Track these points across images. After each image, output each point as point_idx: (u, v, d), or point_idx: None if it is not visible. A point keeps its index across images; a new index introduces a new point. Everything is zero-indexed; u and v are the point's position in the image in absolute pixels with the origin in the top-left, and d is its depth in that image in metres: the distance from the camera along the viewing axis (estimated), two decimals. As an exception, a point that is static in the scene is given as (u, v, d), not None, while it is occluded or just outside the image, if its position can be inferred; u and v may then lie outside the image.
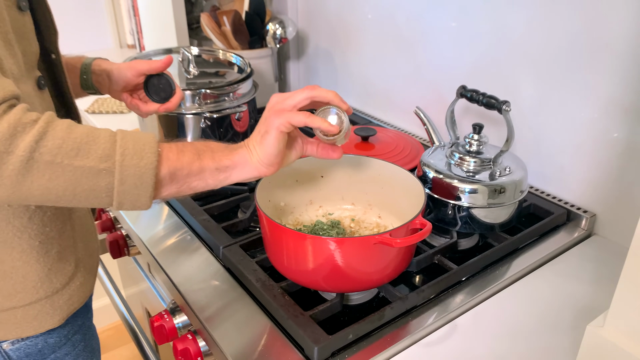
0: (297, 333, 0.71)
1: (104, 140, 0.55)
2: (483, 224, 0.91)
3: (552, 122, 0.99)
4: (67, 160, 0.52)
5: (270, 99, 0.67)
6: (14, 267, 0.67)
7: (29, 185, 0.52)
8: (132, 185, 0.56)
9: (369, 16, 1.32)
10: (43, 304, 0.70)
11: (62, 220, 0.70)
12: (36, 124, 0.51)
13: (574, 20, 0.90)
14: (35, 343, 0.73)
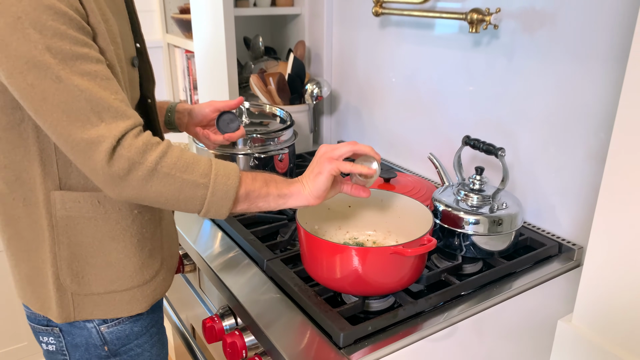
0: (327, 324, 0.88)
1: (204, 163, 0.77)
2: (484, 250, 1.09)
3: (544, 169, 1.18)
4: (178, 174, 0.74)
5: (320, 147, 0.89)
6: (118, 259, 0.87)
7: (148, 189, 0.73)
8: (219, 198, 0.77)
9: (392, 79, 1.55)
10: (135, 292, 0.90)
11: (154, 225, 0.92)
12: (160, 145, 0.74)
13: (561, 89, 1.11)
14: (124, 329, 0.93)
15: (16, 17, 0.66)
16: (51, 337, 0.93)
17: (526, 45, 1.16)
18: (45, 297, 0.89)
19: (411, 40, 1.45)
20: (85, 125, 0.70)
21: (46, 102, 0.69)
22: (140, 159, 0.72)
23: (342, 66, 1.74)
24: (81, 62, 0.70)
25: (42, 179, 0.81)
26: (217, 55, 1.68)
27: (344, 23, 1.69)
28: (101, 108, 0.70)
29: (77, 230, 0.85)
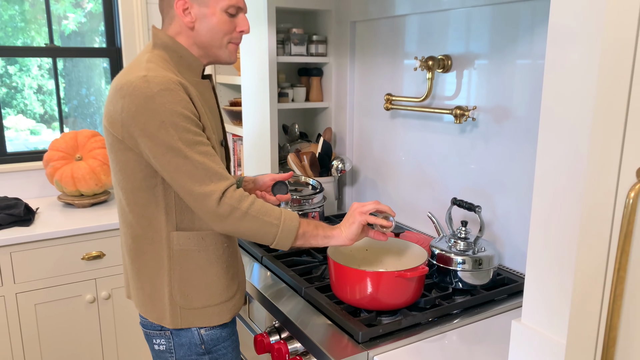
0: (350, 327, 1.23)
1: (277, 210, 1.16)
2: (469, 284, 1.43)
3: (516, 224, 1.55)
4: (261, 216, 1.13)
5: (353, 204, 1.27)
6: (212, 281, 1.25)
7: (241, 225, 1.12)
8: (286, 234, 1.16)
9: (402, 158, 1.97)
10: (221, 306, 1.27)
11: (235, 256, 1.30)
12: (249, 197, 1.14)
13: (524, 163, 1.50)
14: (216, 333, 1.28)
15: (161, 121, 1.09)
16: (163, 339, 1.29)
17: (497, 131, 1.57)
18: (161, 310, 1.25)
19: (414, 128, 1.88)
20: (202, 184, 1.11)
21: (178, 171, 1.10)
22: (238, 205, 1.12)
23: (361, 147, 2.17)
24: (199, 145, 1.12)
25: (165, 224, 1.21)
26: (263, 139, 2.13)
27: (362, 114, 2.14)
28: (212, 174, 1.12)
29: (187, 260, 1.23)
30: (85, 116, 2.75)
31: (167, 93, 1.09)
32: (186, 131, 1.10)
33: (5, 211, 2.09)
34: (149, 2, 2.64)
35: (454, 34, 1.67)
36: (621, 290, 0.60)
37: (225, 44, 1.24)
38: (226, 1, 1.19)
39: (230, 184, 1.14)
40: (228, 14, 1.21)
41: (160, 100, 1.08)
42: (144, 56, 1.18)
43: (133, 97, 1.09)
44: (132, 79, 1.10)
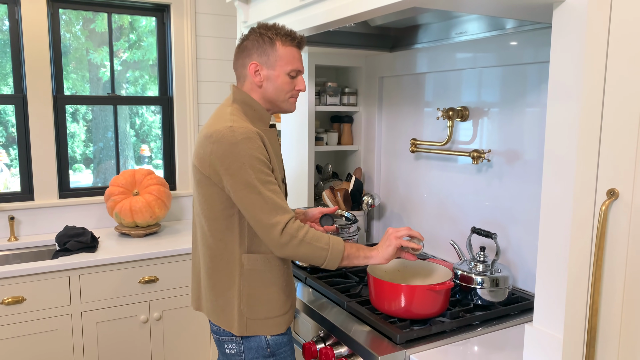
0: (389, 331, 1.47)
1: (326, 237, 1.42)
2: (487, 300, 1.67)
3: (527, 251, 1.80)
4: (314, 242, 1.40)
5: (388, 229, 1.52)
6: (273, 297, 1.50)
7: (299, 250, 1.39)
8: (334, 257, 1.41)
9: (424, 195, 2.24)
10: (279, 318, 1.51)
11: (289, 276, 1.56)
12: (305, 227, 1.40)
13: (532, 198, 1.77)
14: (280, 338, 1.52)
15: (242, 163, 1.37)
16: (233, 344, 1.53)
17: (509, 171, 1.84)
18: (231, 319, 1.50)
19: (437, 168, 2.16)
20: (270, 216, 1.37)
21: (252, 204, 1.37)
22: (296, 234, 1.38)
23: (388, 185, 2.45)
24: (269, 184, 1.39)
25: (239, 247, 1.47)
26: (301, 177, 2.42)
27: (388, 156, 2.43)
28: (278, 208, 1.38)
29: (254, 278, 1.49)
30: (110, 157, 3.02)
31: (248, 141, 1.37)
32: (261, 172, 1.38)
33: (75, 239, 2.38)
34: (198, 58, 3.01)
35: (468, 89, 1.97)
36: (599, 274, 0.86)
37: (287, 98, 1.52)
38: (289, 67, 1.48)
39: (291, 217, 1.40)
40: (290, 76, 1.50)
41: (242, 146, 1.36)
42: (226, 109, 1.48)
43: (221, 143, 1.37)
44: (220, 128, 1.39)
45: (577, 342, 0.92)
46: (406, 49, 2.22)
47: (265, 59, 1.48)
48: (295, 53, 1.50)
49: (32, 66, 2.62)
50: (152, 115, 3.12)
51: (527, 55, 1.73)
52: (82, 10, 2.79)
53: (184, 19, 2.96)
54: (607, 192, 0.85)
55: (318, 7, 1.65)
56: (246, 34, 1.53)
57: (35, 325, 2.22)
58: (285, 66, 1.48)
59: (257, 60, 1.49)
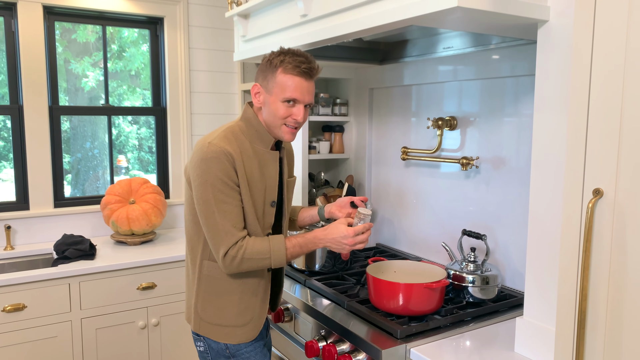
0: (389, 327, 1.57)
1: (265, 246, 1.48)
2: (478, 298, 1.78)
3: (515, 252, 1.92)
4: (255, 256, 1.47)
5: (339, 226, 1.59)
6: (225, 306, 1.56)
7: (241, 267, 1.48)
8: (277, 261, 1.49)
9: (414, 201, 2.35)
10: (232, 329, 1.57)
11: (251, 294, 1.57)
12: (244, 245, 1.47)
13: (518, 202, 1.89)
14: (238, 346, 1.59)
15: (204, 180, 1.45)
16: (200, 342, 1.63)
17: (496, 177, 1.97)
18: (191, 317, 1.61)
19: (427, 175, 2.28)
20: (215, 239, 1.46)
21: (206, 220, 1.47)
22: (236, 254, 1.46)
23: (379, 191, 2.56)
24: (224, 204, 1.45)
25: (201, 252, 1.57)
26: (296, 185, 2.51)
27: (379, 164, 2.54)
28: (224, 233, 1.45)
29: (210, 284, 1.57)
30: (89, 169, 3.03)
31: (216, 161, 1.44)
32: (220, 192, 1.46)
33: (73, 247, 2.42)
34: (192, 70, 3.09)
35: (454, 100, 2.10)
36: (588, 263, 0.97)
37: (279, 125, 1.52)
38: (283, 94, 1.48)
39: (235, 241, 1.47)
40: (286, 104, 1.49)
41: (210, 164, 1.44)
42: (230, 123, 1.57)
43: (196, 155, 1.48)
44: (204, 141, 1.49)
45: (569, 325, 1.03)
46: (395, 62, 2.34)
47: (265, 83, 1.52)
48: (295, 82, 1.48)
49: (28, 77, 2.66)
50: (129, 126, 3.15)
51: (506, 69, 1.87)
52: (78, 22, 2.85)
53: (177, 31, 3.03)
54: (593, 191, 0.97)
55: (318, 24, 1.76)
56: (267, 54, 1.56)
57: (35, 332, 2.25)
58: (280, 93, 1.49)
59: (260, 83, 1.54)
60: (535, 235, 1.44)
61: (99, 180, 3.03)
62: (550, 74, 1.37)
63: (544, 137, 1.39)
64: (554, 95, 1.36)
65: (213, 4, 3.14)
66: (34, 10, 2.65)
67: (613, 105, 0.94)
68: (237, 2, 2.16)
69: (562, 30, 1.34)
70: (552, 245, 1.40)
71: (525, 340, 1.47)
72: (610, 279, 0.95)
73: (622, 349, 0.95)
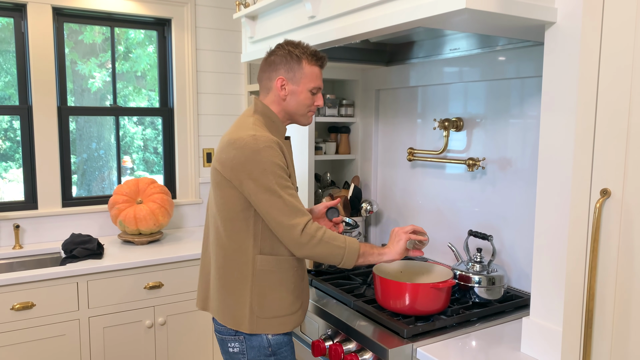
0: (396, 326, 1.58)
1: (342, 236, 1.52)
2: (484, 298, 1.79)
3: (521, 252, 1.92)
4: (331, 242, 1.49)
5: (394, 229, 1.62)
6: (282, 296, 1.57)
7: (315, 250, 1.48)
8: (350, 255, 1.51)
9: (419, 202, 2.36)
10: (287, 318, 1.58)
11: (301, 279, 1.62)
12: (322, 228, 1.49)
13: (524, 202, 1.90)
14: (281, 338, 1.60)
15: (263, 169, 1.46)
16: (237, 342, 1.60)
17: (502, 178, 1.98)
18: (240, 318, 1.57)
19: (433, 175, 2.28)
20: (290, 218, 1.47)
21: (272, 207, 1.47)
22: (315, 234, 1.48)
23: (384, 192, 2.57)
24: (288, 189, 1.49)
25: (252, 248, 1.56)
26: (302, 186, 2.52)
27: (385, 164, 2.55)
28: (297, 210, 1.48)
29: (265, 278, 1.57)
30: (94, 169, 3.04)
31: (269, 149, 1.48)
32: (281, 177, 1.48)
33: (82, 246, 2.43)
34: (199, 71, 3.11)
35: (460, 101, 2.10)
36: (595, 263, 0.98)
37: (306, 113, 1.64)
38: (312, 84, 1.60)
39: (309, 219, 1.50)
40: (311, 92, 1.62)
41: (264, 154, 1.47)
42: (249, 119, 1.58)
43: (244, 149, 1.47)
44: (244, 136, 1.49)
45: (576, 325, 1.04)
46: (402, 64, 2.36)
47: (291, 75, 1.59)
48: (318, 72, 1.62)
49: (37, 78, 2.69)
50: (134, 127, 3.17)
51: (511, 71, 1.88)
52: (87, 24, 2.87)
53: (185, 32, 3.05)
54: (600, 191, 0.97)
55: (326, 26, 1.77)
56: (274, 49, 1.63)
57: (44, 330, 2.27)
58: (308, 83, 1.60)
59: (284, 75, 1.60)
60: (541, 236, 1.45)
61: (105, 180, 3.05)
62: (557, 75, 1.37)
63: (550, 137, 1.39)
64: (560, 96, 1.36)
65: (220, 6, 3.16)
66: (44, 12, 2.68)
67: (621, 106, 0.95)
68: (245, 4, 2.18)
69: (569, 32, 1.34)
70: (558, 246, 1.41)
71: (531, 341, 1.48)
72: (618, 278, 0.96)
73: (629, 348, 0.96)
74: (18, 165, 2.78)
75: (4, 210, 2.69)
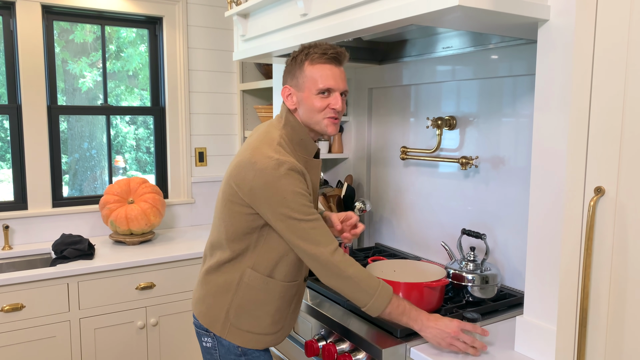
0: (389, 326, 1.57)
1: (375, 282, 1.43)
2: (478, 297, 1.78)
3: (513, 251, 1.92)
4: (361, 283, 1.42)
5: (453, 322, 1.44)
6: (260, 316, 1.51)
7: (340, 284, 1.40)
8: (375, 308, 1.42)
9: (414, 200, 2.35)
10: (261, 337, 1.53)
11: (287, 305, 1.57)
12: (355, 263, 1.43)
13: (516, 201, 1.90)
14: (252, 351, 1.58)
15: (282, 197, 1.40)
16: (209, 338, 1.59)
17: (495, 176, 1.97)
18: (215, 319, 1.56)
19: (426, 174, 2.28)
20: (312, 246, 1.40)
21: (293, 235, 1.40)
22: (344, 267, 1.41)
23: (378, 191, 2.56)
24: (310, 215, 1.41)
25: (246, 261, 1.52)
26: (295, 184, 2.51)
27: (378, 163, 2.54)
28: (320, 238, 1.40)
29: (249, 293, 1.53)
30: (86, 169, 3.01)
31: (289, 177, 1.38)
32: (301, 205, 1.39)
33: (72, 246, 2.41)
34: (190, 69, 3.08)
35: (453, 99, 2.10)
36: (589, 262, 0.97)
37: (321, 119, 1.47)
38: (316, 85, 1.44)
39: (335, 247, 1.41)
40: (320, 95, 1.44)
41: (284, 181, 1.38)
42: (275, 132, 1.48)
43: (265, 173, 1.38)
44: (266, 158, 1.39)
45: (570, 323, 1.03)
46: (394, 62, 2.35)
47: (295, 82, 1.48)
48: (325, 70, 1.45)
49: (26, 77, 2.66)
50: (126, 126, 3.15)
51: (504, 69, 1.87)
52: (76, 22, 2.84)
53: (176, 31, 3.03)
54: (594, 189, 0.97)
55: (318, 24, 1.76)
56: None
57: (34, 332, 2.24)
58: (312, 86, 1.45)
59: (289, 83, 1.50)
60: (535, 234, 1.45)
61: (97, 180, 3.02)
62: (550, 73, 1.37)
63: (544, 135, 1.39)
64: (554, 94, 1.36)
65: (212, 4, 3.14)
66: (33, 10, 2.64)
67: (615, 103, 0.94)
68: (237, 2, 2.16)
69: (562, 30, 1.34)
70: (552, 244, 1.40)
71: (525, 339, 1.47)
72: (612, 277, 0.95)
73: (623, 347, 0.95)
74: (8, 165, 2.75)
75: (-7, 211, 2.66)
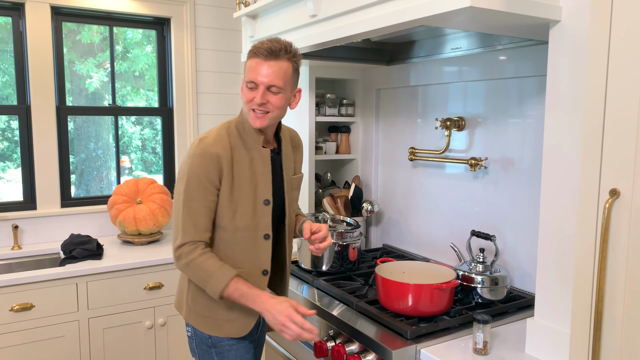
0: (399, 327, 1.56)
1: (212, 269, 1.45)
2: (487, 299, 1.78)
3: (523, 253, 1.91)
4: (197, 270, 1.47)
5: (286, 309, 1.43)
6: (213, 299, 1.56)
7: (185, 269, 1.48)
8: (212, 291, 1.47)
9: (422, 201, 2.35)
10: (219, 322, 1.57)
11: None
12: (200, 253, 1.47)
13: (526, 203, 1.89)
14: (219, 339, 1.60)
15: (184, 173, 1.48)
16: (190, 327, 1.65)
17: (504, 177, 1.97)
18: (180, 304, 1.65)
19: (434, 175, 2.27)
20: (175, 230, 1.51)
21: (174, 211, 1.52)
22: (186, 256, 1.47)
23: (386, 192, 2.55)
24: (191, 201, 1.46)
25: None
26: (302, 186, 2.51)
27: (386, 164, 2.54)
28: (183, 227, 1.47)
29: None
30: (92, 169, 3.02)
31: (199, 158, 1.47)
32: (191, 188, 1.47)
33: (81, 246, 2.42)
34: (198, 70, 3.09)
35: (462, 100, 2.09)
36: (604, 264, 0.97)
37: (248, 111, 1.51)
38: (246, 79, 1.49)
39: (190, 240, 1.48)
40: (248, 87, 1.49)
41: (193, 160, 1.48)
42: (233, 120, 1.58)
43: (189, 148, 1.53)
44: (199, 136, 1.53)
45: (584, 326, 1.03)
46: (402, 63, 2.34)
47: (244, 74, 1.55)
48: (253, 64, 1.47)
49: (36, 78, 2.67)
50: (132, 127, 3.15)
51: (511, 70, 1.86)
52: (85, 23, 2.85)
53: (184, 32, 3.04)
54: (609, 191, 0.96)
55: (327, 25, 1.76)
56: None
57: (43, 331, 2.25)
58: (244, 78, 1.51)
59: None
60: (546, 236, 1.44)
61: (103, 180, 3.03)
62: (562, 74, 1.36)
63: (555, 137, 1.38)
64: (565, 95, 1.35)
65: (220, 5, 3.14)
66: (42, 11, 2.66)
67: (630, 104, 0.94)
68: (246, 3, 2.16)
69: (574, 30, 1.33)
70: (563, 246, 1.40)
71: (536, 342, 1.47)
72: (627, 280, 0.95)
73: (639, 350, 0.95)
74: (16, 166, 2.76)
75: (3, 211, 2.67)
